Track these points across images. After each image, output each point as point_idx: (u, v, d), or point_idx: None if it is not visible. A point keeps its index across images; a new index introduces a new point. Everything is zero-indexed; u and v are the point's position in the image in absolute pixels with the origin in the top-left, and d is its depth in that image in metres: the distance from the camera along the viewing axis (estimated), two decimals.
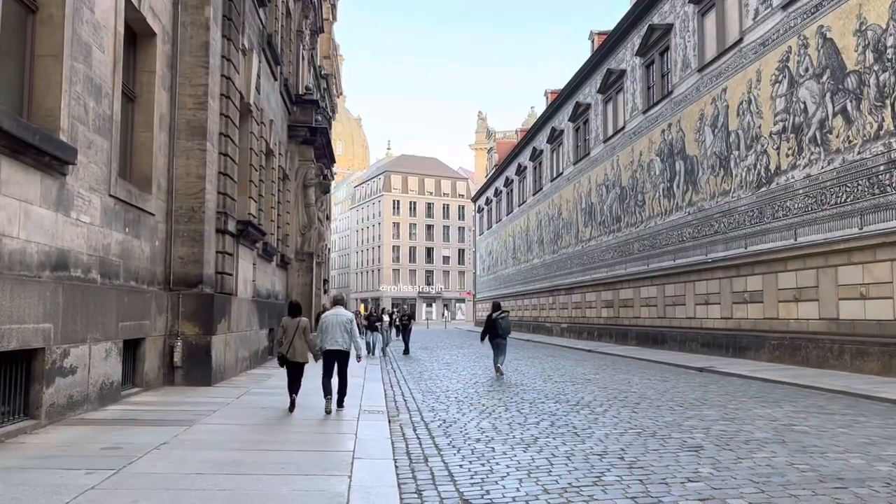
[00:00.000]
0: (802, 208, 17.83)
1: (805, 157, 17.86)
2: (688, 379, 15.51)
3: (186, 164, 13.13)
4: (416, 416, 10.18)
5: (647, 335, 27.74)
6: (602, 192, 33.47)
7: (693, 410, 10.24)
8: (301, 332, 9.93)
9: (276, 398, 11.28)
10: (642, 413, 9.97)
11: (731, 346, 21.16)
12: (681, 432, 8.36)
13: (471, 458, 7.09)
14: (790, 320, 18.34)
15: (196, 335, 12.83)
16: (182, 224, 13.02)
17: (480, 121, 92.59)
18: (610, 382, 14.49)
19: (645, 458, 6.96)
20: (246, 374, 15.59)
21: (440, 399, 11.99)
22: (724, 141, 21.91)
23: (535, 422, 9.31)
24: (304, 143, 25.76)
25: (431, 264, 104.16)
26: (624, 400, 11.49)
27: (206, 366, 12.85)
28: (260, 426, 8.47)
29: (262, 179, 18.89)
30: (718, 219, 22.18)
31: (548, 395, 12.20)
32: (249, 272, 16.97)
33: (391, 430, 8.60)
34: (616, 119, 31.90)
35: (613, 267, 31.68)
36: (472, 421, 9.48)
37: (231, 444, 7.26)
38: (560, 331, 39.73)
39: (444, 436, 8.45)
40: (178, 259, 12.96)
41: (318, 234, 27.44)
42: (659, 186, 26.89)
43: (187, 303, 12.84)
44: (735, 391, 12.93)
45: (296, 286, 25.19)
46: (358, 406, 10.53)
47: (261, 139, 18.54)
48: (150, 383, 11.87)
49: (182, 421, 8.67)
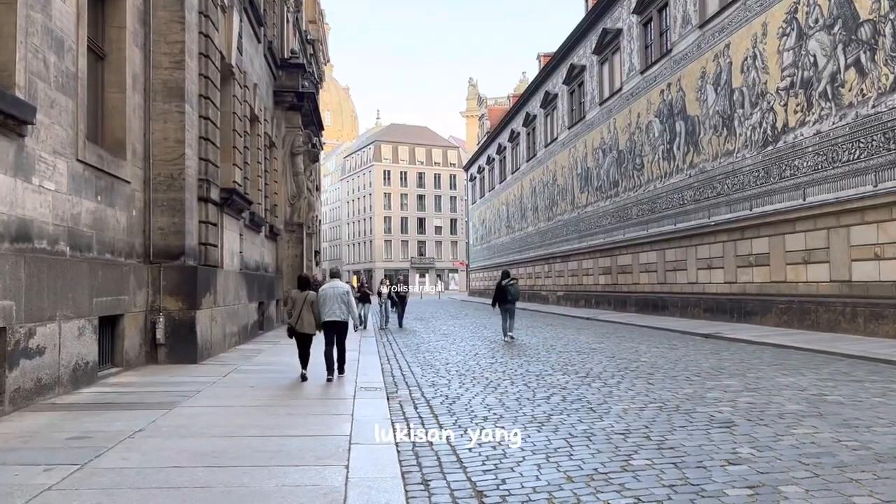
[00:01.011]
0: (812, 167, 17.11)
1: (815, 114, 17.08)
2: (696, 346, 14.90)
3: (164, 128, 12.26)
4: (415, 391, 9.50)
5: (646, 301, 27.16)
6: (598, 156, 32.65)
7: (712, 381, 9.60)
8: (309, 305, 10.27)
9: (265, 376, 10.58)
10: (659, 384, 9.31)
11: (736, 311, 20.57)
12: (706, 405, 7.70)
13: (480, 440, 6.41)
14: (799, 283, 17.73)
15: (179, 310, 12.08)
16: (161, 192, 12.19)
17: (471, 87, 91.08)
18: (617, 351, 13.86)
19: (673, 436, 6.29)
20: (235, 349, 14.88)
21: (440, 373, 11.32)
22: (728, 99, 21.10)
23: (545, 396, 8.64)
24: (290, 109, 24.76)
25: (423, 235, 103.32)
26: (636, 370, 10.84)
27: (191, 342, 12.12)
28: (247, 408, 7.76)
29: (247, 146, 18.00)
30: (721, 180, 21.45)
31: (554, 367, 11.54)
32: (236, 243, 16.17)
33: (390, 409, 7.91)
34: (612, 80, 30.97)
35: (611, 233, 31.00)
36: (476, 397, 8.81)
37: (214, 430, 6.55)
38: (556, 299, 39.16)
39: (448, 414, 7.77)
40: (158, 230, 12.15)
41: (308, 204, 26.58)
42: (658, 149, 26.10)
43: (169, 276, 12.07)
44: (749, 358, 12.32)
45: (286, 258, 24.40)
46: (354, 382, 9.85)
47: (244, 103, 17.61)
48: (131, 362, 11.14)
49: (162, 404, 7.95)
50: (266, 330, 20.00)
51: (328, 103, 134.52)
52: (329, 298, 10.24)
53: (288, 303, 10.71)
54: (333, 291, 10.29)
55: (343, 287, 10.45)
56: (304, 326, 10.26)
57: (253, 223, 18.52)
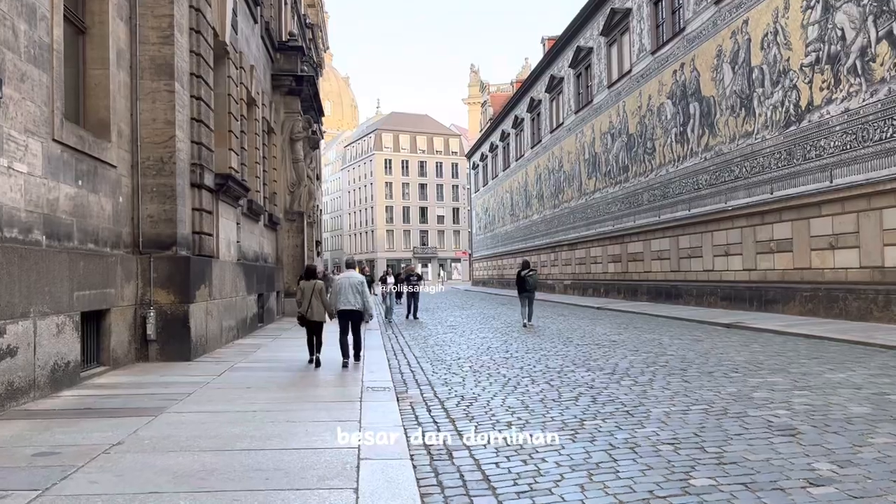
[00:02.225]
0: (840, 147, 16.21)
1: (843, 90, 16.17)
2: (721, 337, 14.06)
3: (152, 108, 11.39)
4: (427, 391, 8.68)
5: (659, 290, 26.31)
6: (607, 140, 31.71)
7: (753, 377, 8.76)
8: (318, 294, 10.70)
9: (263, 374, 9.76)
10: (696, 382, 8.47)
11: (756, 300, 19.72)
12: (757, 408, 6.86)
13: (507, 452, 5.59)
14: (825, 270, 16.86)
15: (171, 304, 11.25)
16: (150, 177, 11.34)
17: (473, 74, 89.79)
18: (639, 344, 13.02)
19: (731, 447, 5.46)
20: (233, 344, 14.07)
21: (452, 369, 10.50)
22: (746, 78, 20.16)
23: (572, 397, 7.80)
24: (289, 93, 23.85)
25: (426, 224, 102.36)
26: (666, 366, 10.00)
27: (185, 338, 11.30)
28: (242, 414, 6.93)
29: (243, 131, 17.11)
30: (739, 163, 20.55)
31: (575, 362, 10.71)
32: (232, 232, 15.32)
33: (402, 414, 7.09)
34: (621, 62, 29.99)
35: (621, 219, 30.11)
36: (495, 397, 7.98)
37: (203, 442, 5.72)
38: (563, 288, 38.31)
39: (467, 418, 6.95)
40: (147, 218, 11.31)
41: (309, 193, 25.71)
42: (671, 132, 25.17)
43: (160, 267, 11.24)
44: (784, 350, 11.48)
45: (286, 248, 23.56)
46: (360, 381, 9.02)
47: (240, 85, 16.71)
48: (120, 360, 10.32)
49: (148, 409, 7.13)
50: (266, 323, 19.18)
51: (328, 93, 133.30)
52: (344, 288, 10.69)
53: (297, 293, 11.11)
54: (348, 281, 10.74)
55: (358, 277, 10.87)
56: (313, 315, 10.65)
57: (251, 211, 17.67)
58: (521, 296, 18.26)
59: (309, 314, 10.65)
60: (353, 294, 10.66)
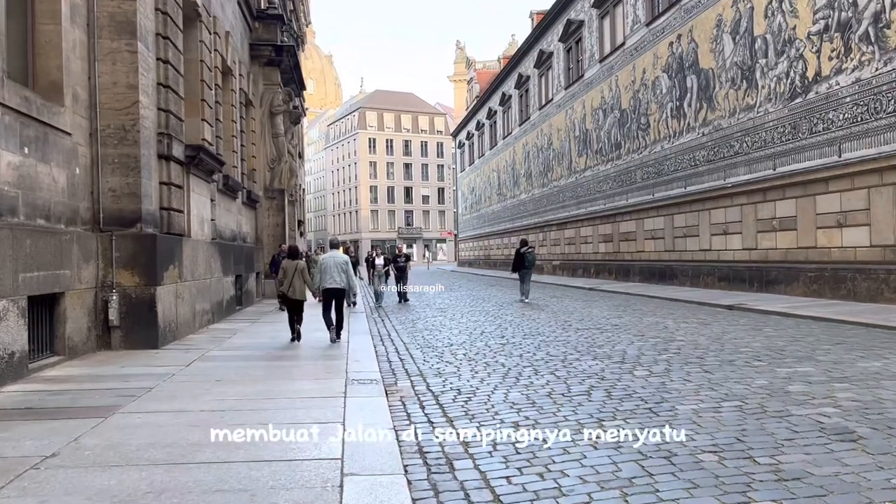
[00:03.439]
0: (850, 119, 15.39)
1: (854, 59, 15.31)
2: (729, 320, 13.27)
3: (113, 71, 10.31)
4: (419, 383, 7.80)
5: (652, 270, 25.55)
6: (598, 117, 30.78)
7: (780, 366, 7.93)
8: (299, 273, 11.12)
9: (236, 364, 8.82)
10: (718, 373, 7.62)
11: (756, 280, 18.97)
12: (799, 405, 6.02)
13: (518, 462, 4.71)
14: (832, 249, 16.10)
15: (136, 286, 10.26)
16: (111, 147, 10.28)
17: (459, 50, 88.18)
18: (643, 328, 12.19)
19: (786, 456, 4.60)
20: (207, 329, 13.10)
21: (445, 357, 9.61)
22: (748, 48, 19.26)
23: (583, 391, 6.94)
24: (268, 64, 22.65)
25: (410, 204, 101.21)
26: (679, 353, 9.16)
27: (151, 324, 10.31)
28: (207, 414, 6.00)
29: (218, 101, 16.01)
30: (740, 138, 19.71)
31: (578, 349, 9.85)
32: (206, 209, 14.28)
33: (391, 413, 6.19)
34: (614, 35, 28.99)
35: (612, 198, 29.27)
36: (496, 391, 7.10)
37: (156, 453, 4.79)
38: (552, 268, 37.52)
39: (466, 417, 6.06)
40: (108, 192, 10.27)
41: (290, 169, 24.59)
42: (666, 106, 24.27)
43: (123, 246, 10.22)
44: (801, 335, 10.69)
45: (266, 227, 22.50)
46: (343, 373, 8.11)
47: (214, 52, 15.57)
48: (78, 349, 9.33)
49: (98, 409, 6.18)
50: (245, 305, 18.19)
51: (311, 71, 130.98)
52: (329, 267, 11.01)
53: (279, 272, 11.50)
54: (333, 261, 11.07)
55: (342, 257, 11.22)
56: (295, 293, 11.06)
57: (227, 188, 16.61)
58: (520, 272, 19.74)
59: (291, 293, 11.07)
60: (338, 273, 10.99)
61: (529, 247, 20.37)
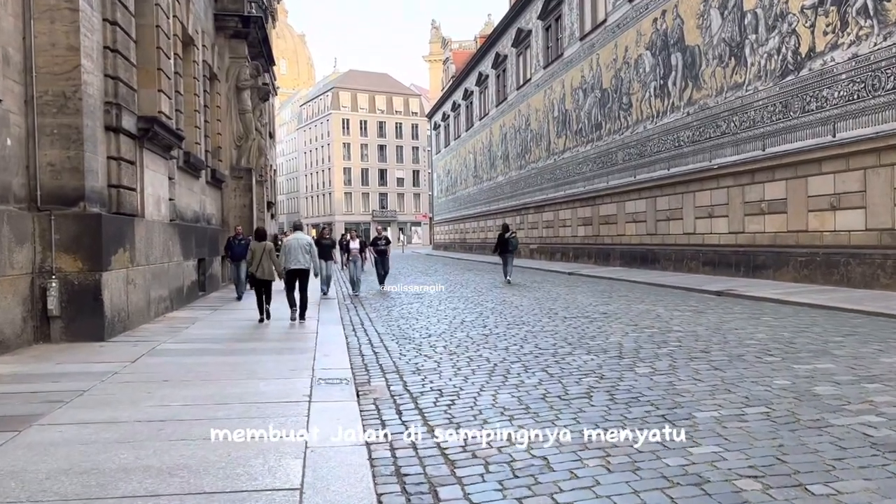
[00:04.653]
0: (845, 97, 14.71)
1: (851, 34, 14.61)
2: (723, 307, 12.56)
3: (51, 30, 9.20)
4: (395, 381, 6.92)
5: (633, 254, 24.88)
6: (578, 96, 29.94)
7: (797, 363, 7.16)
8: (267, 254, 11.44)
9: (189, 360, 7.86)
10: (730, 370, 6.83)
11: (743, 265, 18.35)
12: (834, 412, 5.22)
13: (518, 491, 3.86)
14: (824, 233, 15.48)
15: (79, 272, 9.23)
16: (50, 116, 9.20)
17: (434, 30, 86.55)
18: (634, 317, 11.40)
19: (843, 483, 3.80)
20: (164, 318, 12.09)
21: (423, 349, 8.74)
22: (737, 24, 18.50)
23: (581, 392, 6.11)
24: (235, 36, 21.42)
25: (385, 187, 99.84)
26: (680, 346, 8.38)
27: (97, 313, 9.30)
28: (144, 425, 5.07)
29: (178, 72, 14.84)
30: (727, 118, 18.99)
31: (569, 341, 9.03)
32: (164, 188, 13.18)
33: (363, 419, 5.32)
34: (595, 12, 28.12)
35: (592, 180, 28.52)
36: (483, 392, 6.25)
37: (66, 485, 3.86)
38: (529, 252, 36.75)
39: (451, 425, 5.22)
40: (47, 166, 9.20)
41: (258, 148, 23.44)
42: (650, 85, 23.49)
43: (64, 227, 9.17)
44: (804, 324, 9.98)
45: (232, 208, 21.38)
46: (310, 369, 7.20)
47: (173, 18, 14.40)
48: (10, 343, 8.30)
49: (14, 419, 5.22)
50: (209, 291, 17.14)
51: (283, 51, 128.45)
52: (293, 249, 11.51)
53: (248, 253, 11.88)
54: (297, 242, 11.59)
55: (306, 238, 11.80)
56: (264, 273, 11.42)
57: (189, 165, 15.50)
58: (503, 255, 21.09)
59: (260, 273, 11.37)
60: (301, 254, 11.50)
61: (512, 231, 21.63)
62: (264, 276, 11.38)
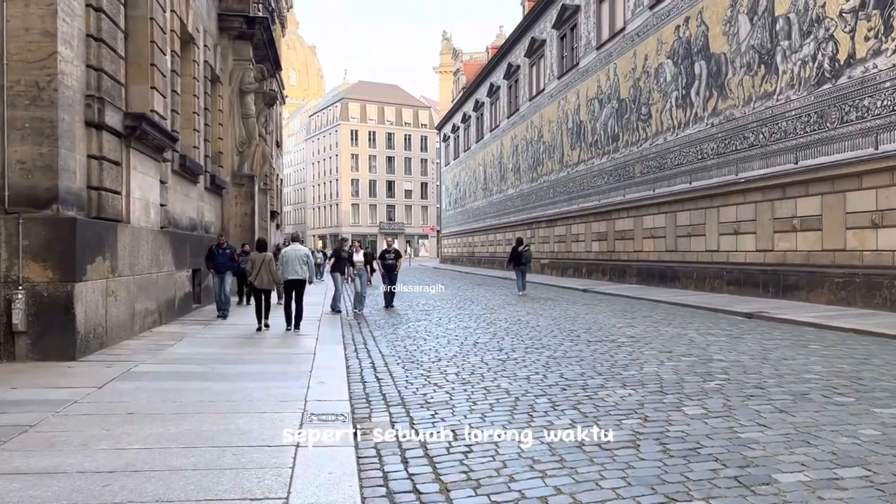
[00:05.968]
0: (889, 107, 13.66)
1: (895, 39, 13.58)
2: (758, 331, 11.47)
3: (25, 14, 8.30)
4: (400, 417, 5.91)
5: (651, 271, 23.79)
6: (594, 107, 28.96)
7: (875, 405, 6.03)
8: (266, 265, 11.85)
9: (165, 385, 6.84)
10: (799, 415, 5.74)
11: (773, 285, 17.24)
12: None
13: None
14: (864, 252, 14.39)
15: (50, 282, 8.26)
16: (21, 109, 8.28)
17: (445, 41, 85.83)
18: (665, 341, 10.32)
19: None
20: (151, 333, 11.09)
21: (433, 377, 7.70)
22: (768, 30, 17.50)
23: (625, 440, 5.06)
24: (239, 37, 20.58)
25: (393, 199, 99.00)
26: (728, 379, 7.29)
27: (68, 329, 8.31)
28: (89, 478, 4.05)
29: (175, 71, 13.94)
30: (755, 129, 17.96)
31: (598, 370, 7.97)
32: (153, 192, 12.21)
33: (360, 475, 4.29)
34: (613, 20, 27.17)
35: (608, 194, 27.48)
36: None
37: None
38: (540, 267, 35.65)
39: (469, 483, 4.19)
40: (16, 164, 8.26)
41: (262, 154, 22.52)
42: (671, 95, 22.49)
43: (33, 232, 8.22)
44: (862, 355, 8.88)
45: (233, 216, 20.43)
46: (302, 401, 6.19)
47: (170, 13, 13.51)
48: None
49: None
50: (204, 303, 16.15)
51: (293, 62, 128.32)
52: (291, 259, 11.98)
53: (248, 264, 12.32)
54: (294, 253, 12.07)
55: (303, 249, 12.26)
56: (263, 283, 11.88)
57: (185, 170, 14.57)
58: (517, 269, 21.72)
59: (258, 282, 11.84)
60: (299, 265, 11.97)
61: (526, 245, 22.40)
62: (263, 286, 11.89)
